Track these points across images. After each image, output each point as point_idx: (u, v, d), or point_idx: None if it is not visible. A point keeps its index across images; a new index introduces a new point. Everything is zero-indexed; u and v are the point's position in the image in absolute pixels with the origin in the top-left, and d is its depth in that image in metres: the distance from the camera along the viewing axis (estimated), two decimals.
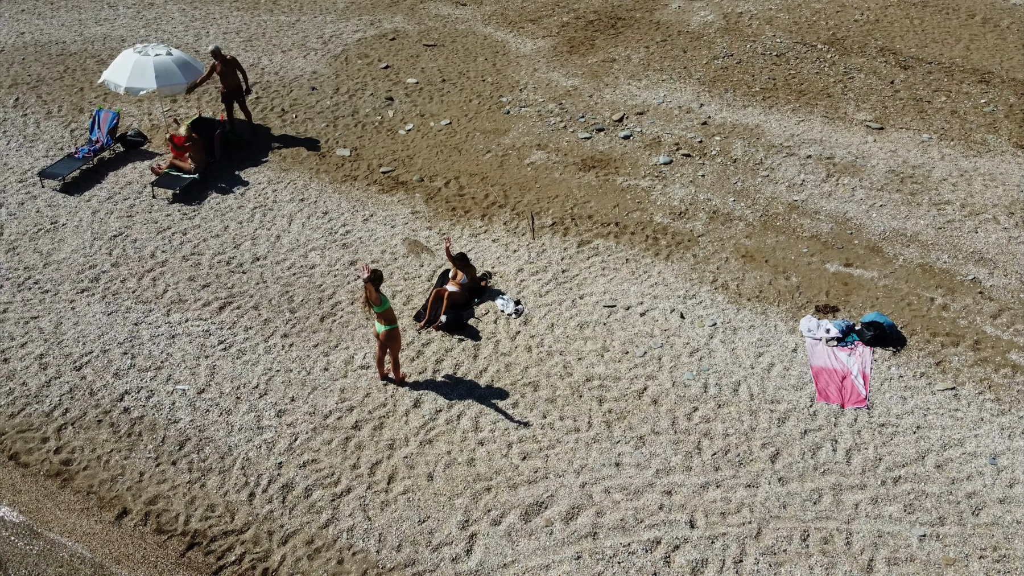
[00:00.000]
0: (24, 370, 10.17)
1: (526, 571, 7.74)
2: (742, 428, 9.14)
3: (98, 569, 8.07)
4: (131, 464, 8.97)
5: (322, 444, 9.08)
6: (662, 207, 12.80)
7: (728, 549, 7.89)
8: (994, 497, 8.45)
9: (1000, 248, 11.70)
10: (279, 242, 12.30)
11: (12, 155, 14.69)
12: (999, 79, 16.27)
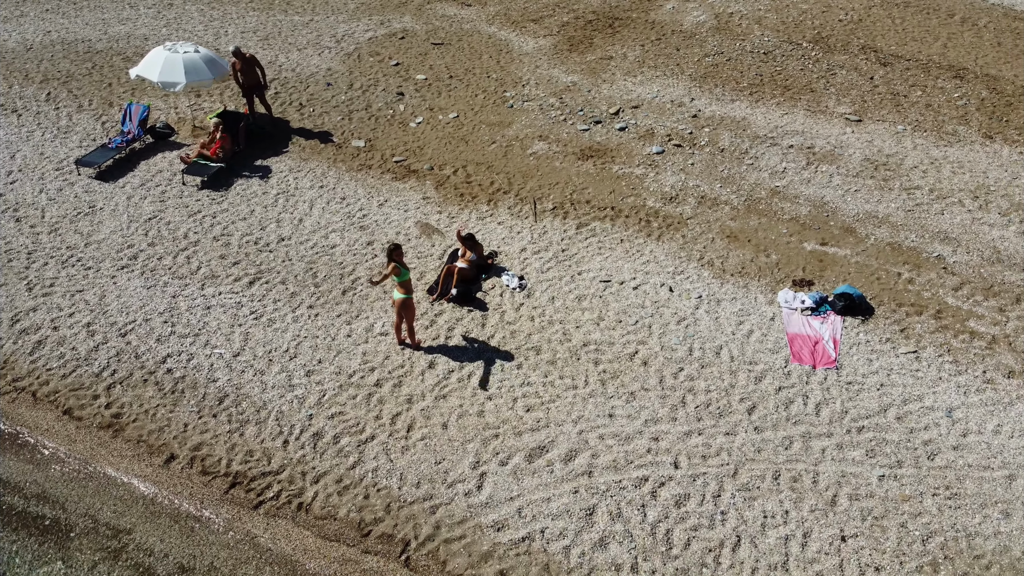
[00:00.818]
0: (73, 336, 11.23)
1: (530, 503, 8.80)
2: (723, 385, 10.19)
3: (149, 504, 9.12)
4: (176, 417, 10.03)
5: (347, 399, 10.14)
6: (654, 193, 13.85)
7: (708, 486, 8.94)
8: (948, 444, 9.50)
9: (964, 228, 12.75)
10: (302, 224, 13.36)
11: (47, 145, 15.73)
12: (973, 75, 17.32)
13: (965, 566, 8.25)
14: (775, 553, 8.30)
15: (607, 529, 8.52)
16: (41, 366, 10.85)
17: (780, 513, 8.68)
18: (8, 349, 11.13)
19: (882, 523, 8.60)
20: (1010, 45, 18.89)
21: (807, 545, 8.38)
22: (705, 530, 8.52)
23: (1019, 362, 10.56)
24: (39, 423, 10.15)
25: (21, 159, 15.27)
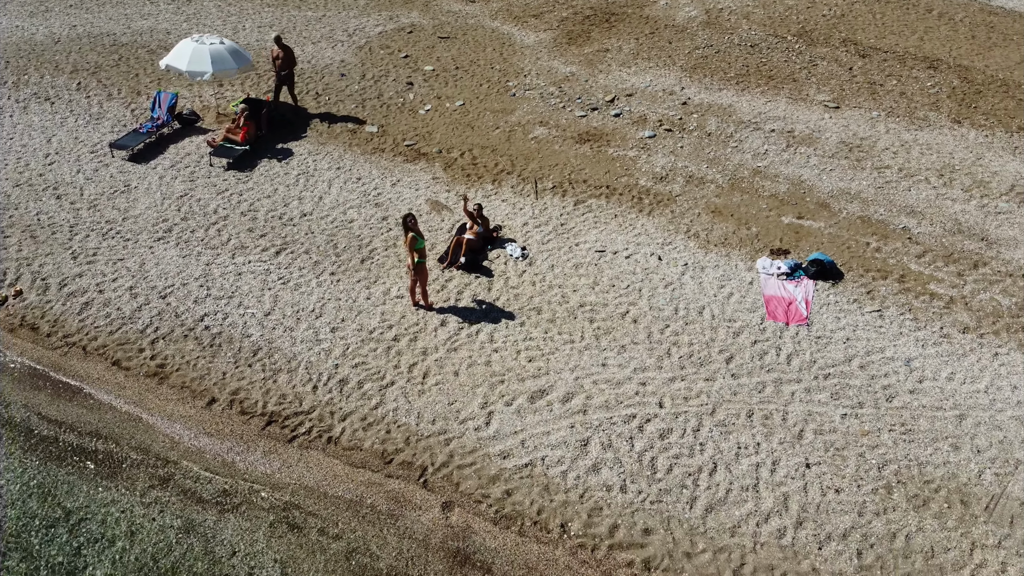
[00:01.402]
0: (118, 299, 12.40)
1: (532, 436, 9.97)
2: (704, 339, 11.37)
3: (193, 440, 10.29)
4: (215, 367, 11.20)
5: (369, 351, 11.31)
6: (646, 173, 15.02)
7: (688, 422, 10.12)
8: (905, 389, 10.67)
9: (928, 203, 13.92)
10: (322, 201, 14.52)
11: (81, 131, 16.90)
12: (946, 65, 18.49)
13: (916, 489, 9.42)
14: (747, 477, 9.48)
15: (599, 457, 9.70)
16: (89, 324, 12.02)
17: (752, 445, 9.85)
18: (58, 310, 12.30)
19: (843, 453, 9.78)
20: (983, 38, 20.05)
21: (775, 471, 9.56)
22: (685, 458, 9.69)
23: (974, 320, 11.73)
24: (90, 373, 11.32)
25: (57, 143, 16.44)
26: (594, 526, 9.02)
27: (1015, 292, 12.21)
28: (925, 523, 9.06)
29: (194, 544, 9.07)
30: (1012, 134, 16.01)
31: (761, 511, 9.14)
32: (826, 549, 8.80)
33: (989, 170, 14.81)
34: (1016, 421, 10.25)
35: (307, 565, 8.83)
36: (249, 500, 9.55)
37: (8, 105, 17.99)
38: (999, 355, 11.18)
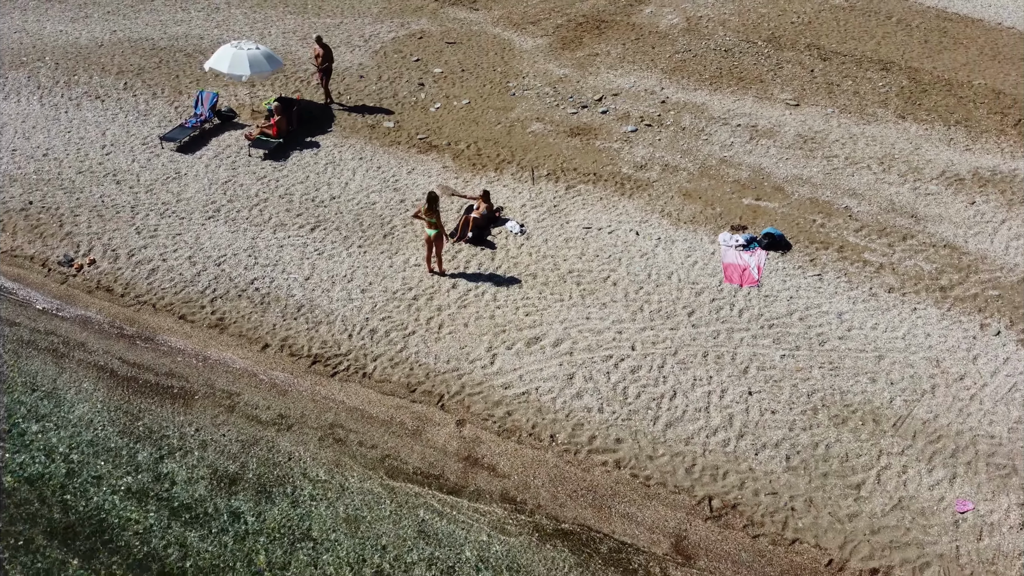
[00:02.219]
0: (179, 266, 14.71)
1: (528, 372, 12.29)
2: (671, 298, 13.67)
3: (251, 377, 12.60)
4: (266, 320, 13.51)
5: (393, 308, 13.62)
6: (628, 162, 17.33)
7: (655, 361, 12.43)
8: (835, 335, 12.98)
9: (868, 186, 16.23)
10: (348, 187, 16.82)
11: (132, 125, 19.19)
12: (898, 67, 20.79)
13: (837, 411, 11.73)
14: (700, 401, 11.79)
15: (582, 387, 12.02)
16: (157, 286, 14.34)
17: (705, 377, 12.17)
18: (128, 275, 14.61)
19: (779, 384, 12.09)
20: (935, 42, 22.35)
21: (723, 397, 11.87)
22: (651, 387, 12.01)
23: (898, 282, 14.03)
24: (161, 325, 13.63)
25: (111, 136, 18.73)
26: (577, 437, 11.35)
27: (936, 260, 14.52)
28: (843, 436, 11.38)
29: (259, 452, 11.39)
30: (949, 127, 18.31)
31: (710, 427, 11.46)
32: (761, 455, 11.12)
33: (924, 158, 17.12)
34: (925, 361, 12.56)
35: (349, 468, 11.15)
36: (301, 421, 11.87)
37: (63, 103, 20.27)
38: (917, 309, 13.49)
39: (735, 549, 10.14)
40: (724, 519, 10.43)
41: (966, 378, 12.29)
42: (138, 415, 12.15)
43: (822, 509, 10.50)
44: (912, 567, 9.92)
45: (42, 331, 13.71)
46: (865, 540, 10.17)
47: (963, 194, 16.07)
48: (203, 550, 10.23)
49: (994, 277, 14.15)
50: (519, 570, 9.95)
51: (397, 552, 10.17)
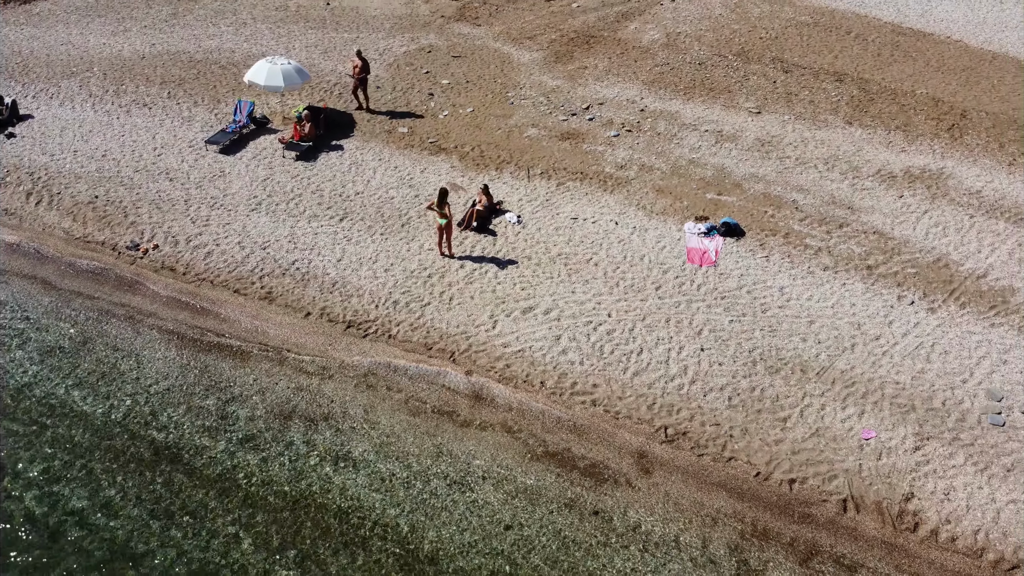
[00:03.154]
0: (230, 250, 17.49)
1: (523, 334, 15.08)
2: (642, 276, 16.47)
3: (294, 342, 15.38)
4: (306, 293, 16.31)
5: (411, 284, 16.41)
6: (610, 162, 20.12)
7: (626, 325, 15.22)
8: (776, 305, 15.76)
9: (814, 183, 19.02)
10: (369, 184, 19.61)
11: (178, 130, 21.97)
12: (851, 78, 23.58)
13: (772, 363, 14.50)
14: (661, 356, 14.58)
15: (567, 345, 14.82)
16: (212, 267, 17.13)
17: (667, 338, 14.96)
18: (187, 257, 17.40)
19: (727, 343, 14.88)
20: (887, 55, 25.15)
21: (680, 352, 14.66)
22: (623, 345, 14.81)
23: (832, 262, 16.81)
24: (219, 298, 16.42)
25: (160, 139, 21.51)
26: (561, 383, 14.16)
27: (865, 244, 17.31)
28: (775, 382, 14.17)
29: (306, 396, 14.21)
30: (890, 132, 21.09)
31: (668, 375, 14.26)
32: (708, 396, 13.92)
33: (864, 159, 19.91)
34: (849, 324, 15.34)
35: (380, 407, 13.96)
36: (339, 372, 14.68)
37: (114, 109, 23.07)
38: (846, 284, 16.28)
39: (684, 464, 12.96)
40: (676, 443, 13.24)
41: (881, 338, 15.08)
42: (204, 369, 14.96)
43: (754, 436, 13.31)
44: (822, 478, 12.72)
45: (117, 303, 16.52)
46: (787, 458, 12.98)
47: (894, 189, 18.87)
48: (264, 469, 13.04)
49: (913, 258, 16.95)
50: (514, 480, 12.77)
51: (419, 468, 12.98)
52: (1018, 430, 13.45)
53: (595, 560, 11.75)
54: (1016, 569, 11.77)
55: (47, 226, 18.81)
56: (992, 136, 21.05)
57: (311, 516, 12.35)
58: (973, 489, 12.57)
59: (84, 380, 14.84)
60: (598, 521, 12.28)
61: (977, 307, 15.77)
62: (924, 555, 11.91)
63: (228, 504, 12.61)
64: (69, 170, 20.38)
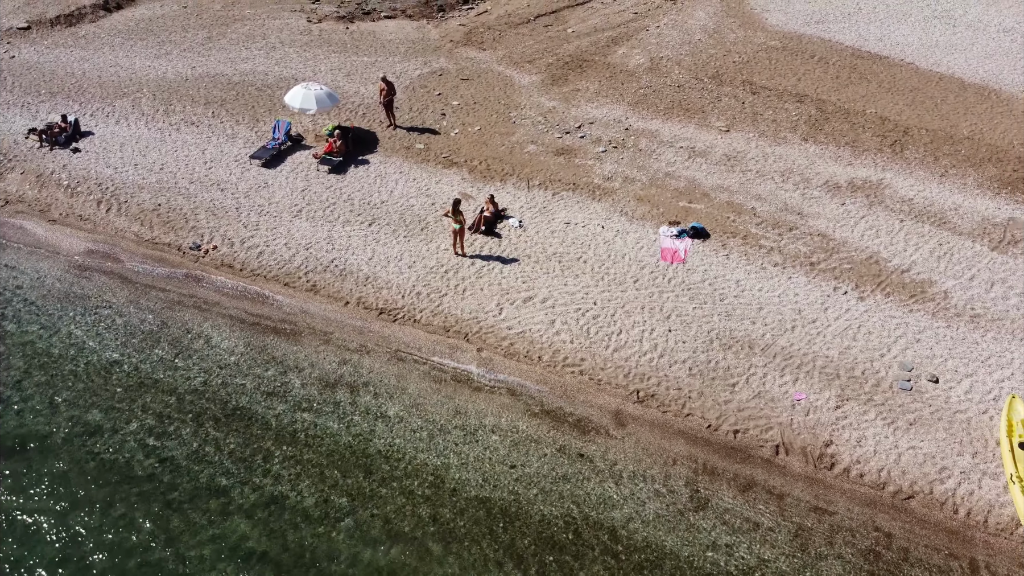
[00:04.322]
0: (279, 250, 20.86)
1: (524, 319, 18.45)
2: (623, 271, 19.83)
3: (336, 325, 18.75)
4: (344, 286, 19.68)
5: (431, 278, 19.78)
6: (598, 175, 23.49)
7: (609, 311, 18.59)
8: (732, 294, 19.12)
9: (770, 192, 22.38)
10: (393, 193, 22.97)
11: (224, 146, 25.34)
12: (810, 99, 26.94)
13: (725, 341, 17.87)
14: (636, 336, 17.95)
15: (560, 328, 18.19)
16: (264, 264, 20.51)
17: (644, 323, 18.33)
18: (242, 256, 20.77)
19: (690, 325, 18.25)
20: (844, 77, 28.49)
21: (652, 333, 18.03)
22: (605, 328, 18.18)
23: (782, 259, 20.17)
24: (271, 290, 19.80)
25: (209, 154, 24.88)
26: (555, 356, 17.54)
27: (811, 244, 20.66)
28: (727, 356, 17.54)
29: (349, 366, 17.60)
30: (840, 147, 24.46)
31: (641, 351, 17.64)
32: (673, 367, 17.29)
33: (815, 171, 23.28)
34: (791, 310, 18.69)
35: (409, 376, 17.34)
36: (374, 349, 18.07)
37: (165, 127, 26.43)
38: (791, 278, 19.63)
39: (651, 419, 16.35)
40: (646, 403, 16.63)
41: (817, 321, 18.45)
42: (263, 347, 18.34)
43: (708, 397, 16.68)
44: (760, 429, 16.10)
45: (186, 294, 19.90)
46: (733, 414, 16.37)
47: (838, 198, 22.23)
48: (317, 425, 16.42)
49: (850, 256, 20.32)
50: (517, 432, 16.16)
51: (441, 423, 16.37)
52: (922, 394, 16.82)
53: (581, 490, 15.14)
54: (911, 499, 15.14)
55: (118, 230, 22.18)
56: (929, 151, 24.41)
57: (357, 461, 15.74)
58: (880, 438, 15.95)
59: (165, 357, 18.23)
60: (583, 462, 15.67)
61: (899, 296, 19.13)
62: (837, 487, 15.30)
63: (290, 451, 15.99)
64: (132, 181, 23.74)
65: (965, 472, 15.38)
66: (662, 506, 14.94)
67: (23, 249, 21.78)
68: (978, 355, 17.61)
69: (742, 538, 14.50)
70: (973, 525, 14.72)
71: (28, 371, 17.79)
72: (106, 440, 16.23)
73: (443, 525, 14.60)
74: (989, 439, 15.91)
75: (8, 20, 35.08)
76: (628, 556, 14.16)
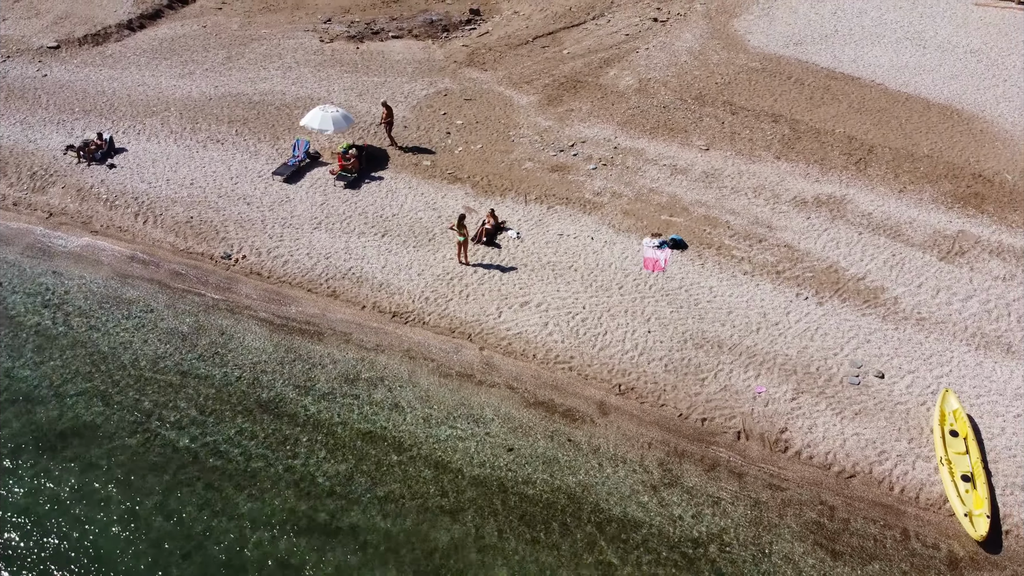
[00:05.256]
0: (301, 259, 23.29)
1: (520, 321, 20.89)
2: (609, 278, 22.25)
3: (358, 324, 21.21)
4: (361, 292, 22.13)
5: (438, 285, 22.22)
6: (589, 190, 25.92)
7: (596, 314, 21.02)
8: (706, 299, 21.55)
9: (743, 207, 24.82)
10: (403, 207, 25.41)
11: (247, 163, 27.77)
12: (785, 119, 29.35)
13: (698, 341, 20.29)
14: (620, 336, 20.38)
15: (552, 329, 20.64)
16: (289, 272, 22.95)
17: (626, 325, 20.76)
18: (269, 264, 23.21)
19: (667, 327, 20.69)
20: (818, 98, 30.89)
21: (634, 334, 20.47)
22: (592, 329, 20.62)
23: (752, 268, 22.57)
24: (296, 295, 22.24)
25: (234, 170, 27.31)
26: (548, 354, 19.99)
27: (778, 254, 23.08)
28: (699, 354, 19.96)
29: (367, 362, 20.05)
30: (809, 165, 26.87)
31: (624, 350, 20.07)
32: (651, 364, 19.73)
33: (784, 188, 25.70)
34: (757, 314, 21.11)
35: (419, 371, 19.79)
36: (389, 347, 20.52)
37: (193, 144, 28.84)
38: (759, 285, 22.06)
39: (630, 409, 18.79)
40: (626, 395, 19.07)
41: (780, 323, 20.87)
42: (289, 347, 20.79)
43: (680, 390, 19.12)
44: (725, 418, 18.53)
45: (220, 299, 22.35)
46: (702, 405, 18.80)
47: (804, 212, 24.66)
48: (339, 414, 18.88)
49: (812, 265, 22.73)
50: (514, 420, 18.61)
51: (448, 412, 18.82)
52: (868, 388, 19.24)
53: (568, 469, 17.60)
54: (853, 477, 17.56)
55: (155, 240, 24.63)
56: (890, 168, 26.83)
57: (374, 445, 18.20)
58: (829, 426, 18.38)
59: (203, 354, 20.67)
60: (571, 445, 18.13)
61: (854, 301, 21.55)
62: (789, 467, 17.74)
63: (315, 437, 18.43)
64: (166, 195, 26.17)
65: (901, 455, 17.80)
66: (638, 483, 17.38)
67: (70, 257, 24.22)
68: (921, 354, 20.03)
69: (706, 510, 16.94)
70: (906, 500, 17.14)
71: (79, 368, 20.24)
72: (153, 427, 18.68)
73: (450, 499, 17.06)
74: (924, 427, 18.33)
75: (38, 39, 37.39)
76: (608, 524, 16.60)
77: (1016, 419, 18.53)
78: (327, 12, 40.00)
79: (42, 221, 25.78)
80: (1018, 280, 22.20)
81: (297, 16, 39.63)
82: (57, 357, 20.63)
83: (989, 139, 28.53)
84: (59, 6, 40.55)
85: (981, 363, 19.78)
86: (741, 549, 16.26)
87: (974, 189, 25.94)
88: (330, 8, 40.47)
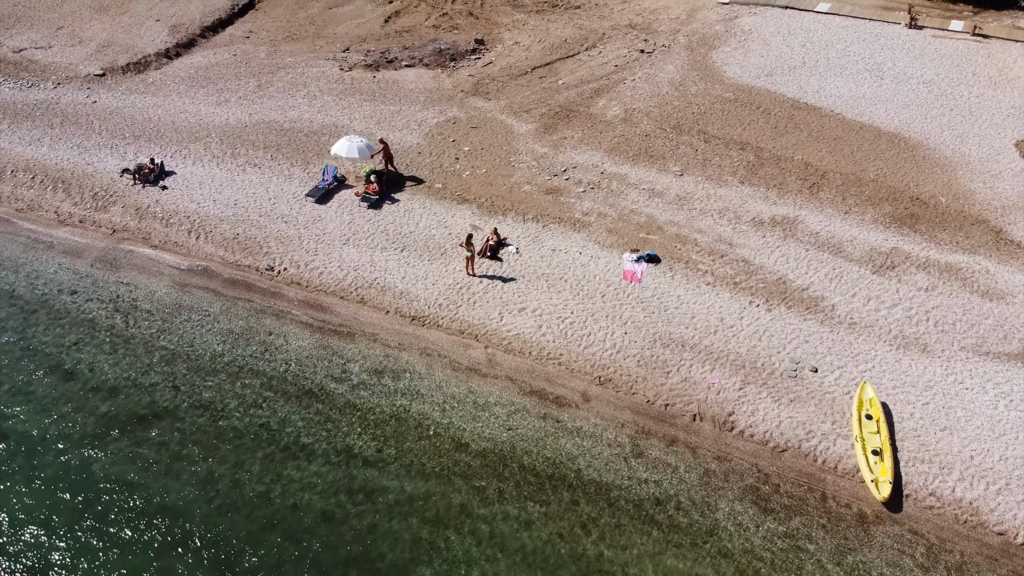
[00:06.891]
0: (334, 271, 27.57)
1: (519, 324, 25.18)
2: (594, 288, 26.52)
3: (381, 328, 25.51)
4: (385, 299, 26.42)
5: (450, 293, 26.50)
6: (578, 210, 30.18)
7: (582, 319, 25.30)
8: (674, 307, 25.81)
9: (710, 226, 29.07)
10: (418, 225, 29.67)
11: (283, 185, 32.04)
12: (751, 147, 33.58)
13: (665, 341, 24.55)
14: (601, 337, 24.66)
15: (546, 332, 24.93)
16: (324, 281, 27.24)
17: (606, 327, 25.03)
18: (306, 275, 27.50)
19: (640, 329, 24.96)
20: (782, 127, 35.10)
21: (613, 335, 24.74)
22: (579, 331, 24.91)
23: (714, 280, 26.82)
24: (329, 302, 26.54)
25: (272, 192, 31.59)
26: (542, 352, 24.29)
27: (736, 268, 27.33)
28: (665, 351, 24.23)
29: (391, 358, 24.37)
30: (768, 189, 31.11)
31: (604, 348, 24.36)
32: (627, 359, 24.01)
33: (745, 209, 29.94)
34: (716, 319, 25.35)
35: (434, 366, 24.11)
36: (409, 346, 24.83)
37: (234, 168, 33.10)
38: (719, 294, 26.31)
39: (607, 397, 23.10)
40: (604, 385, 23.38)
41: (734, 327, 25.14)
42: (327, 345, 25.10)
43: (649, 382, 23.42)
44: (684, 403, 22.81)
45: (266, 305, 26.66)
46: (666, 393, 23.10)
47: (760, 231, 28.91)
48: (370, 400, 23.19)
49: (764, 277, 26.99)
50: (512, 405, 22.93)
51: (458, 398, 23.14)
52: (803, 380, 23.51)
53: (556, 443, 21.92)
54: (785, 451, 21.85)
55: (208, 254, 28.94)
56: (839, 192, 31.06)
57: (400, 424, 22.51)
58: (768, 411, 22.66)
59: (254, 351, 24.98)
60: (558, 425, 22.45)
61: (798, 309, 25.82)
62: (734, 443, 22.03)
63: (350, 420, 22.73)
64: (213, 214, 30.46)
65: (825, 434, 22.08)
66: (612, 455, 21.69)
67: (135, 268, 28.53)
68: (850, 352, 24.29)
69: (666, 476, 21.24)
70: (826, 470, 21.42)
71: (151, 363, 24.55)
72: (217, 411, 22.99)
73: (462, 467, 21.37)
74: (845, 412, 22.61)
75: (84, 67, 41.54)
76: (587, 487, 20.91)
77: (924, 406, 22.78)
78: (345, 41, 44.14)
79: (107, 237, 30.07)
80: (939, 291, 26.44)
81: (318, 45, 43.78)
82: (131, 354, 24.93)
83: (929, 165, 32.72)
84: (100, 35, 44.63)
85: (900, 360, 24.03)
86: (693, 507, 20.55)
87: (911, 210, 30.15)
88: (347, 37, 44.61)
